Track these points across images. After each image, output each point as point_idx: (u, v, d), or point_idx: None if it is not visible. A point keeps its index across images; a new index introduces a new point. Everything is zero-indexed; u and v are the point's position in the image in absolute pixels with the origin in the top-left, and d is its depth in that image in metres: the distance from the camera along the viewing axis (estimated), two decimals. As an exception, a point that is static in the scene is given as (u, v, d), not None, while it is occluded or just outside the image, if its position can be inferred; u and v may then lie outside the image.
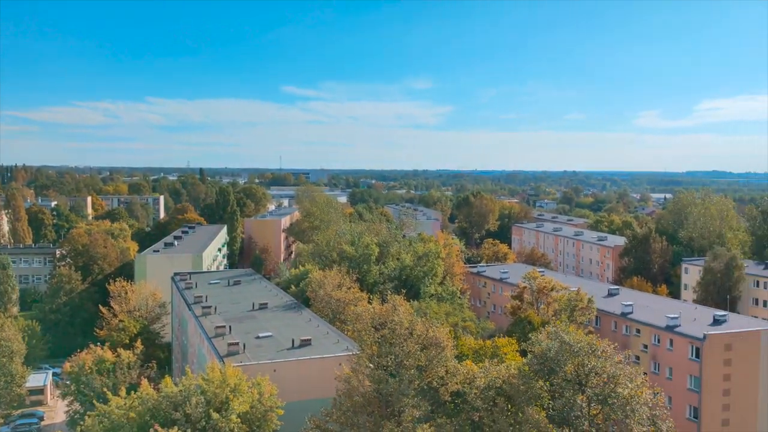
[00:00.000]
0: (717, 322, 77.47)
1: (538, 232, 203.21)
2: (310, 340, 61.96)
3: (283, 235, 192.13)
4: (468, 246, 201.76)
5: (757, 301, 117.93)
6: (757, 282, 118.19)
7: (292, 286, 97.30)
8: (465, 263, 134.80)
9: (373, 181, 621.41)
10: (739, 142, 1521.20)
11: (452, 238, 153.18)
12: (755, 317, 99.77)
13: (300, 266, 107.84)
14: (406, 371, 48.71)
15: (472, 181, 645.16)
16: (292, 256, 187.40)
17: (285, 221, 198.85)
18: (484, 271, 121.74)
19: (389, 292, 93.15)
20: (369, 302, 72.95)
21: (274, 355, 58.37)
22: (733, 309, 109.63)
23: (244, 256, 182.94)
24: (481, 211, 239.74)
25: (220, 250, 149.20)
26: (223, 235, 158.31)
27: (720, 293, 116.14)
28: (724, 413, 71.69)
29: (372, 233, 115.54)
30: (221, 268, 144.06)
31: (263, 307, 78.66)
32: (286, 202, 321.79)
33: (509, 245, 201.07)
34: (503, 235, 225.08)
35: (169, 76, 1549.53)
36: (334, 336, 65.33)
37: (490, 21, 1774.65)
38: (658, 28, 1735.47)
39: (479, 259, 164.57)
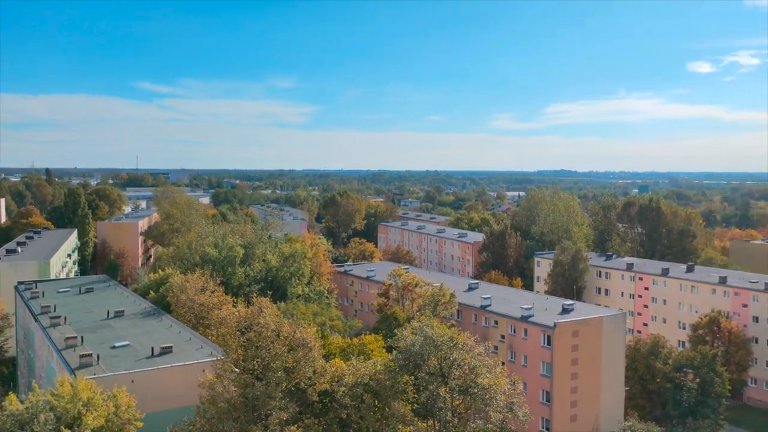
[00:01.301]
0: (565, 311, 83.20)
1: (403, 230, 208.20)
2: (171, 347, 59.54)
3: (140, 239, 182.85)
4: (335, 245, 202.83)
5: (599, 290, 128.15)
6: (600, 272, 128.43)
7: (152, 292, 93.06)
8: (332, 263, 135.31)
9: (238, 182, 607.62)
10: (582, 144, 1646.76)
11: (319, 238, 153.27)
12: (598, 305, 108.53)
13: (160, 271, 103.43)
14: (273, 374, 48.05)
15: (339, 181, 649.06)
16: (151, 260, 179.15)
17: (143, 224, 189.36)
18: (351, 270, 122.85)
19: (255, 294, 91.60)
20: (234, 305, 71.31)
21: (132, 365, 55.54)
22: (579, 298, 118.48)
23: (98, 262, 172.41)
24: (348, 211, 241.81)
25: (70, 256, 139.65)
26: (73, 239, 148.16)
27: (568, 284, 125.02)
28: (573, 395, 77.22)
29: (236, 235, 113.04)
30: (72, 275, 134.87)
31: (119, 314, 74.57)
32: (143, 204, 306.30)
33: (375, 244, 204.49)
34: (370, 233, 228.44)
35: (6, 67, 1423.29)
36: (197, 342, 63.26)
37: (354, 22, 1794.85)
38: (511, 35, 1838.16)
39: (346, 258, 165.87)
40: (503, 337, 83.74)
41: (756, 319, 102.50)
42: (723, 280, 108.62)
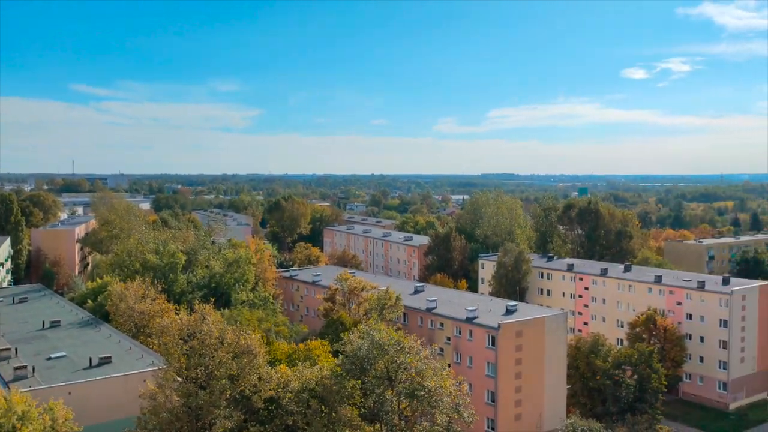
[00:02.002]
0: (509, 311, 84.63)
1: (348, 234, 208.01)
2: (110, 357, 58.01)
3: (77, 246, 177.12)
4: (280, 250, 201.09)
5: (542, 291, 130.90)
6: (542, 273, 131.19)
7: (89, 301, 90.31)
8: (277, 268, 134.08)
9: (180, 187, 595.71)
10: (524, 147, 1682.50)
11: (264, 243, 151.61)
12: (541, 305, 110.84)
13: (98, 279, 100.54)
14: (217, 382, 47.28)
15: (284, 185, 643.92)
16: (89, 268, 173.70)
17: (80, 231, 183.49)
18: (297, 275, 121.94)
19: (198, 301, 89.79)
20: (176, 313, 69.80)
21: (69, 376, 53.87)
22: (522, 299, 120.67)
23: (33, 271, 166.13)
24: (293, 215, 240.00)
25: (2, 264, 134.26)
26: (5, 248, 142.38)
27: (511, 285, 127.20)
28: (517, 395, 78.59)
29: (178, 241, 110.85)
30: (5, 284, 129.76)
31: (55, 325, 72.14)
32: (80, 210, 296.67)
33: (321, 248, 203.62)
34: (315, 238, 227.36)
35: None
36: (138, 351, 61.77)
37: (297, 24, 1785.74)
38: (453, 40, 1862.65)
39: (292, 263, 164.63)
40: (449, 339, 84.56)
41: (689, 317, 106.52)
42: (658, 279, 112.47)
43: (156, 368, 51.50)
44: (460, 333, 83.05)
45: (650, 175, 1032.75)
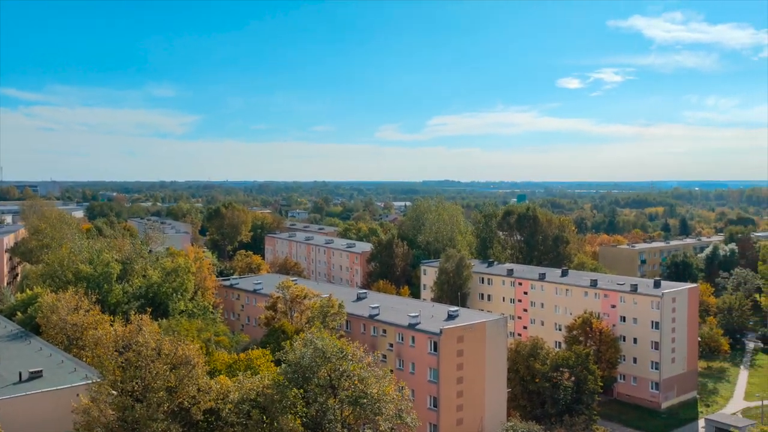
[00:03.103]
0: (451, 317, 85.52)
1: (290, 241, 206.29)
2: (41, 371, 55.72)
3: (6, 256, 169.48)
4: (220, 259, 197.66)
5: (483, 296, 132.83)
6: (483, 278, 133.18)
7: (18, 313, 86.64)
8: (217, 276, 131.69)
9: (115, 194, 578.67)
10: (464, 155, 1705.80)
11: (203, 251, 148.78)
12: (482, 310, 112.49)
13: (28, 290, 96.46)
14: (154, 394, 46.05)
15: (224, 193, 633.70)
16: (18, 279, 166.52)
17: (8, 240, 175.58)
18: (238, 284, 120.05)
19: (134, 311, 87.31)
20: (111, 324, 67.64)
21: (-4, 393, 51.27)
22: (464, 304, 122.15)
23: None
24: (233, 223, 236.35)
25: None
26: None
27: (453, 290, 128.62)
28: (459, 399, 79.38)
29: (113, 250, 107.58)
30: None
31: (-19, 339, 68.70)
32: (9, 219, 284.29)
33: (263, 256, 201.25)
34: (256, 246, 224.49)
35: None
36: (71, 364, 59.55)
37: (235, 29, 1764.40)
38: (394, 47, 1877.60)
39: (232, 271, 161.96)
40: (392, 345, 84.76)
41: (623, 319, 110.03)
42: (594, 283, 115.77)
43: (90, 382, 49.72)
44: (402, 339, 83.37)
45: (585, 182, 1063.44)
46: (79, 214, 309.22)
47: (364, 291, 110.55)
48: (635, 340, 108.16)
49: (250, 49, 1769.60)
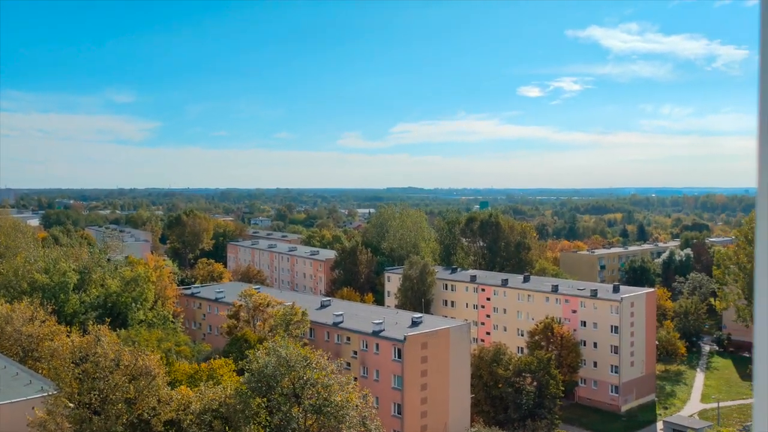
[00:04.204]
0: (415, 323, 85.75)
1: (253, 249, 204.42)
2: (-7, 385, 53.84)
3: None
4: (181, 267, 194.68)
5: (446, 302, 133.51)
6: (446, 285, 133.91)
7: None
8: (178, 285, 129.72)
9: (72, 202, 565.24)
10: (426, 162, 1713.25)
11: (164, 260, 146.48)
12: (446, 316, 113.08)
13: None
14: (112, 406, 45.09)
15: (185, 200, 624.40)
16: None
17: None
18: (199, 292, 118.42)
19: (92, 322, 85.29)
20: (68, 335, 66.07)
21: (-54, 408, 49.48)
22: (428, 311, 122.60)
23: None
24: (195, 231, 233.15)
25: None
26: None
27: (417, 297, 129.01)
28: (423, 406, 79.58)
29: (70, 258, 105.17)
30: None
31: (-70, 352, 66.30)
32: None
33: (225, 264, 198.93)
34: (218, 254, 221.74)
35: None
36: (26, 377, 57.81)
37: (195, 34, 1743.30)
38: (356, 54, 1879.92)
39: (193, 279, 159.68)
40: (356, 353, 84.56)
41: (584, 323, 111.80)
42: (555, 289, 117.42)
43: (46, 394, 48.44)
44: (366, 346, 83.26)
45: (546, 189, 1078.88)
46: (35, 222, 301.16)
47: (328, 298, 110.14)
48: (595, 345, 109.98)
49: (208, 54, 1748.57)
